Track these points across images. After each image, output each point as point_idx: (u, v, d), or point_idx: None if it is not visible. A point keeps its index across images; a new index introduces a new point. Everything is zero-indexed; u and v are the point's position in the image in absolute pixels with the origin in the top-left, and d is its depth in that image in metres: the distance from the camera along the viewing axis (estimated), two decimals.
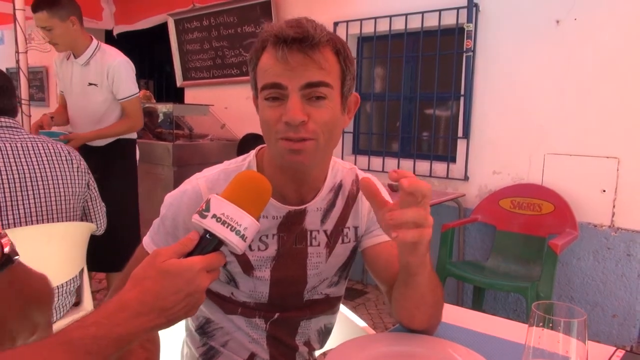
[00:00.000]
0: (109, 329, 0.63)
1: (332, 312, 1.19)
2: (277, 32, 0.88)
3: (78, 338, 0.61)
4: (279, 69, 0.88)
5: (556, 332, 0.69)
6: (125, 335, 0.64)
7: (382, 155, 3.87)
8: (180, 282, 0.66)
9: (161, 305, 0.66)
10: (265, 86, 0.91)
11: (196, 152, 4.31)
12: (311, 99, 0.90)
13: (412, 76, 3.79)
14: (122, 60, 2.77)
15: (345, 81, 0.94)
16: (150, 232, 1.05)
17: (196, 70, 5.14)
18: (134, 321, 0.64)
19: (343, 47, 0.93)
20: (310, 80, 0.88)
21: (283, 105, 0.90)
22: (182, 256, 0.69)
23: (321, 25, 0.91)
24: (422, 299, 0.97)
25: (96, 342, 0.61)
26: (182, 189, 1.03)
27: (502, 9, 3.22)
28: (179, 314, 0.68)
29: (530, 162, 3.21)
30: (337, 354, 0.94)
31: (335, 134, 0.96)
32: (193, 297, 0.68)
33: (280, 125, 0.90)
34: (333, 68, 0.91)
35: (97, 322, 0.63)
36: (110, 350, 0.62)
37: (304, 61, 0.87)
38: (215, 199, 0.71)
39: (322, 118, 0.90)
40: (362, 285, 3.91)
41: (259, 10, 4.41)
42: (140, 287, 0.66)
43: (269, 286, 1.05)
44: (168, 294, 0.66)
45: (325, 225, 1.08)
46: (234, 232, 0.70)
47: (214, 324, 1.09)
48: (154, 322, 0.66)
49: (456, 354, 0.94)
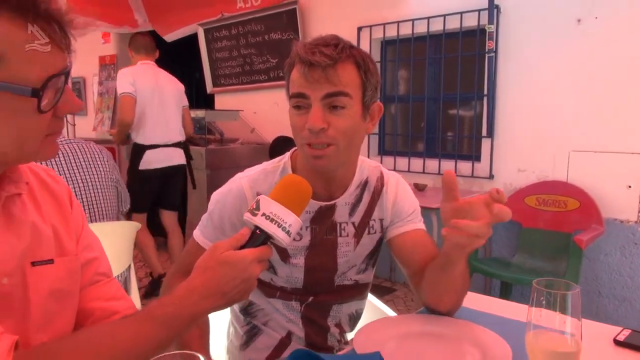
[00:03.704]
0: (182, 308, 0.76)
1: (362, 298, 1.31)
2: (301, 53, 1.02)
3: (159, 315, 0.75)
4: (303, 81, 1.02)
5: (554, 312, 0.78)
6: (194, 314, 0.77)
7: (407, 156, 3.96)
8: (236, 270, 0.78)
9: (222, 290, 0.78)
10: (292, 95, 1.05)
11: (228, 155, 4.49)
12: (332, 108, 1.03)
13: (435, 78, 3.88)
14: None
15: (366, 91, 1.06)
16: (199, 226, 1.19)
17: (225, 77, 5.33)
18: (200, 303, 0.77)
19: (364, 61, 1.05)
20: (329, 91, 1.01)
21: (307, 114, 1.03)
22: (236, 249, 0.80)
23: (344, 42, 1.04)
24: (453, 285, 1.08)
25: (172, 319, 0.75)
26: (227, 188, 1.17)
27: (523, 9, 3.28)
28: (235, 298, 0.80)
29: (555, 159, 3.25)
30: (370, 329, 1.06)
31: (355, 140, 1.09)
32: (247, 283, 0.80)
33: (305, 132, 1.04)
34: (353, 80, 1.03)
35: (173, 303, 0.76)
36: (183, 325, 0.76)
37: (324, 75, 1.00)
38: (264, 200, 0.82)
39: (342, 125, 1.03)
40: (390, 283, 4.00)
41: (285, 18, 4.56)
42: (204, 275, 0.79)
43: (303, 272, 1.18)
44: (227, 280, 0.78)
45: (353, 217, 1.20)
46: (280, 228, 0.80)
47: (256, 305, 1.23)
48: (216, 304, 0.78)
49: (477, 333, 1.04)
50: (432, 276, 1.09)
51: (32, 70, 0.68)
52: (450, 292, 1.09)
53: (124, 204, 2.32)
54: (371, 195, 1.22)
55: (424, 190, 3.44)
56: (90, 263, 0.92)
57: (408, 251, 1.20)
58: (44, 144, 0.74)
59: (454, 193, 0.94)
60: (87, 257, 0.91)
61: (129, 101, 3.37)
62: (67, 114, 0.77)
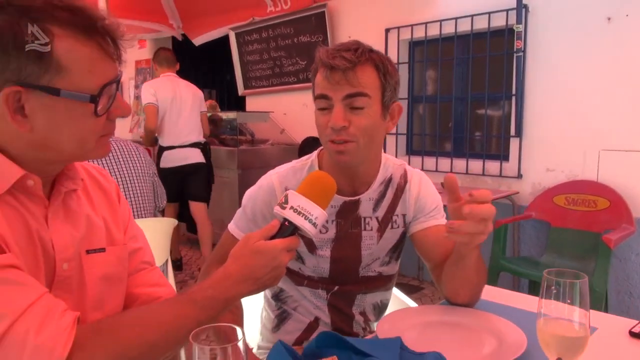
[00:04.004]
0: (218, 292, 0.84)
1: (386, 289, 1.37)
2: (323, 58, 1.11)
3: (198, 297, 0.83)
4: (326, 83, 1.11)
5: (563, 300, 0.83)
6: (230, 297, 0.85)
7: (435, 155, 3.99)
8: (267, 258, 0.86)
9: (254, 276, 0.86)
10: (316, 96, 1.14)
11: (258, 156, 4.61)
12: (352, 108, 1.10)
13: (463, 78, 3.89)
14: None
15: (385, 92, 1.13)
16: (234, 220, 1.29)
17: (256, 79, 5.46)
18: (236, 287, 0.85)
19: (382, 64, 1.12)
20: (349, 92, 1.10)
21: (330, 113, 1.12)
22: (267, 239, 0.88)
23: (363, 47, 1.11)
24: (468, 279, 1.14)
25: (210, 301, 0.83)
26: (259, 184, 1.26)
27: (552, 8, 3.27)
28: (267, 283, 0.88)
29: (584, 158, 3.23)
30: (392, 317, 1.13)
31: (375, 137, 1.16)
32: (277, 270, 0.88)
33: (328, 130, 1.12)
34: (372, 82, 1.11)
35: (211, 287, 0.85)
36: (219, 307, 0.84)
37: (345, 78, 1.09)
38: (292, 194, 0.90)
39: (362, 124, 1.11)
40: (418, 282, 4.04)
41: (314, 21, 4.65)
42: (239, 262, 0.87)
43: (329, 263, 1.26)
44: (259, 267, 0.86)
45: (377, 212, 1.27)
46: (307, 220, 0.88)
47: (286, 292, 1.32)
48: (249, 289, 0.86)
49: (494, 323, 1.09)
50: (449, 270, 1.15)
51: (90, 79, 0.77)
52: (466, 285, 1.14)
53: (160, 199, 2.45)
54: (394, 191, 1.28)
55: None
56: (136, 252, 1.02)
57: (430, 246, 1.26)
58: (99, 143, 0.84)
59: (456, 194, 1.00)
60: (133, 246, 1.01)
61: (152, 110, 3.85)
62: (118, 117, 0.87)
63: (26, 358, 0.67)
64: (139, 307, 0.93)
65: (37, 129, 0.77)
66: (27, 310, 0.69)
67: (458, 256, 1.08)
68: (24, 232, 0.79)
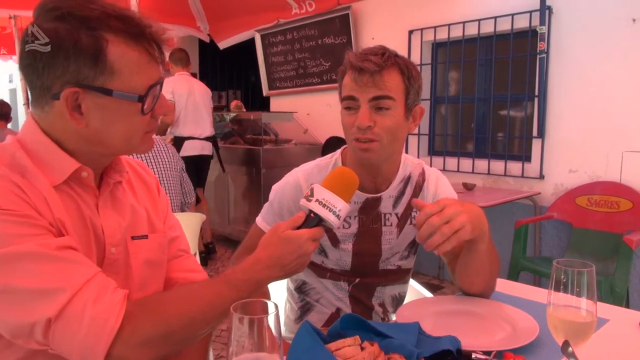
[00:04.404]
0: (250, 275, 0.92)
1: (404, 282, 1.44)
2: (352, 61, 1.18)
3: (232, 279, 0.91)
4: (354, 85, 1.19)
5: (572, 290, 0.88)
6: (259, 280, 0.93)
7: (457, 156, 4.02)
8: (294, 246, 0.93)
9: (282, 262, 0.93)
10: (344, 98, 1.22)
11: (282, 155, 4.70)
12: (377, 109, 1.18)
13: (485, 79, 3.92)
14: None
15: (408, 95, 1.20)
16: (262, 213, 1.37)
17: (280, 80, 5.56)
18: (265, 272, 0.93)
19: (407, 68, 1.19)
20: (376, 95, 1.17)
21: (356, 114, 1.19)
22: (294, 229, 0.96)
23: (390, 52, 1.18)
24: (481, 267, 1.19)
25: (242, 283, 0.91)
26: (285, 180, 1.34)
27: (576, 9, 3.28)
28: (293, 270, 0.96)
29: (607, 160, 3.23)
30: (410, 305, 1.20)
31: (398, 137, 1.23)
32: (302, 258, 0.95)
33: (354, 129, 1.20)
34: (397, 85, 1.17)
35: (243, 270, 0.93)
36: (251, 289, 0.91)
37: (372, 80, 1.16)
38: (318, 188, 0.97)
39: (386, 124, 1.18)
40: (438, 281, 4.07)
41: (338, 23, 4.72)
42: (268, 249, 0.95)
43: (351, 256, 1.33)
44: (286, 254, 0.93)
45: (397, 209, 1.34)
46: (331, 212, 0.95)
47: (309, 284, 1.39)
48: (277, 274, 0.94)
49: (507, 312, 1.15)
50: (462, 260, 1.21)
51: (138, 81, 0.86)
52: (480, 273, 1.20)
53: (188, 196, 2.56)
54: (413, 189, 1.35)
55: (472, 189, 3.50)
56: (174, 240, 1.11)
57: None
58: (144, 139, 0.93)
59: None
60: (172, 235, 1.10)
61: (170, 106, 4.13)
62: (161, 115, 0.96)
63: (84, 327, 0.76)
64: (180, 287, 1.02)
65: (91, 125, 0.86)
66: (85, 286, 0.79)
67: (469, 244, 1.14)
68: (79, 219, 0.89)
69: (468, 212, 1.02)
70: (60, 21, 0.81)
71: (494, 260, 1.19)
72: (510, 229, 3.23)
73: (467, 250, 1.17)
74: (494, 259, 1.20)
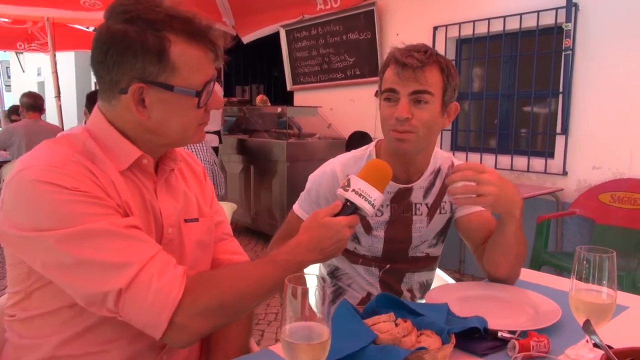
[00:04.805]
0: (293, 256, 1.00)
1: (431, 269, 1.52)
2: (396, 56, 1.25)
3: (277, 260, 1.00)
4: (396, 78, 1.26)
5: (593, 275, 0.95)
6: (301, 262, 1.00)
7: (479, 151, 4.05)
8: (332, 231, 1.01)
9: (321, 246, 1.01)
10: (385, 90, 1.29)
11: (306, 149, 4.79)
12: (416, 102, 1.24)
13: (510, 75, 3.94)
14: None
15: (446, 92, 1.27)
16: (298, 201, 1.45)
17: (304, 75, 5.64)
18: (306, 254, 1.01)
19: (447, 67, 1.27)
20: (416, 89, 1.24)
21: (396, 106, 1.26)
22: (332, 216, 1.03)
23: (432, 50, 1.26)
24: (509, 248, 1.25)
25: (286, 263, 0.99)
26: (322, 170, 1.42)
27: (603, 6, 3.28)
28: (331, 253, 1.03)
29: (631, 156, 3.24)
30: (438, 290, 1.27)
31: (433, 131, 1.30)
32: (340, 243, 1.03)
33: (392, 120, 1.27)
34: (437, 82, 1.25)
35: (287, 252, 1.01)
36: (294, 269, 0.99)
37: (414, 75, 1.23)
38: (354, 178, 1.04)
39: (423, 117, 1.25)
40: (459, 275, 4.12)
41: (362, 19, 4.78)
42: (308, 233, 1.03)
43: (382, 243, 1.41)
44: (325, 238, 1.01)
45: (427, 199, 1.41)
46: (366, 202, 1.01)
47: (341, 270, 1.48)
48: (316, 257, 1.02)
49: (531, 297, 1.21)
50: (491, 240, 1.28)
51: (196, 77, 0.95)
52: (507, 254, 1.26)
53: (219, 187, 2.66)
54: (443, 180, 1.42)
55: None
56: (219, 225, 1.20)
57: (472, 229, 1.39)
58: (197, 130, 1.02)
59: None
60: (217, 219, 1.19)
61: (221, 101, 4.45)
62: (213, 109, 1.04)
63: (151, 297, 0.85)
64: (231, 265, 1.12)
65: (152, 117, 0.95)
66: (150, 261, 0.88)
67: (499, 225, 1.22)
68: (141, 201, 0.99)
69: (500, 188, 1.10)
70: (129, 23, 0.90)
71: (521, 244, 1.26)
72: (532, 225, 3.27)
73: (497, 230, 1.24)
74: (521, 243, 1.26)
